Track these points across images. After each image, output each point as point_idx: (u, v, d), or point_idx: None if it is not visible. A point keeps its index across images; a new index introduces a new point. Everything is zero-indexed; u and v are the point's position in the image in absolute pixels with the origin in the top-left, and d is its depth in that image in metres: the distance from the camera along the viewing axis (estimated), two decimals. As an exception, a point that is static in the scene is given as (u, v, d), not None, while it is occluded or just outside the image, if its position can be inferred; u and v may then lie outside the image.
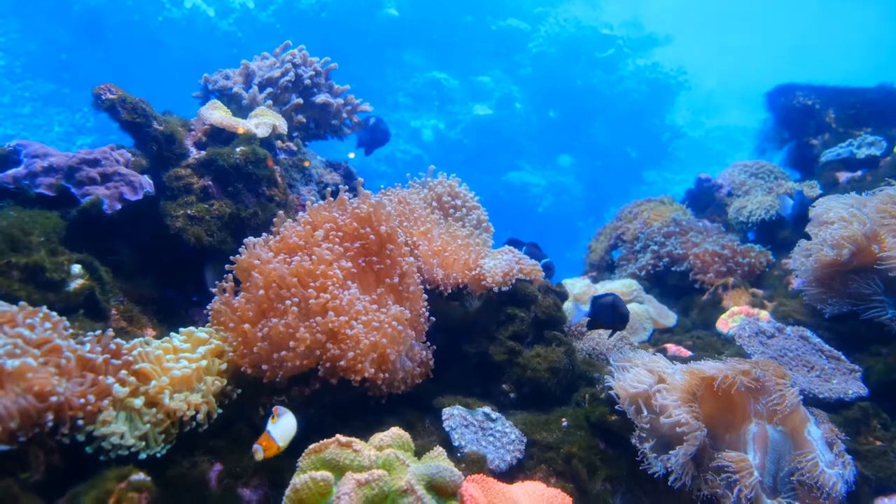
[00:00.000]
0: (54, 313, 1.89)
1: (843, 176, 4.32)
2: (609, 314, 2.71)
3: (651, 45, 20.53)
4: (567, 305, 3.24)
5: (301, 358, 2.13)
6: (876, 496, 2.21)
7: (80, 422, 1.73)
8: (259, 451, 1.78)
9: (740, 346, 2.90)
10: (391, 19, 16.53)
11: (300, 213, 2.53)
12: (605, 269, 4.76)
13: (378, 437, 1.81)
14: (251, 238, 2.40)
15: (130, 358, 1.94)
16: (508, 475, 2.10)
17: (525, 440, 2.24)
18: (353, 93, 3.81)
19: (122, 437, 1.76)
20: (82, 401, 1.72)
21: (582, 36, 18.13)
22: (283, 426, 1.85)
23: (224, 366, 2.14)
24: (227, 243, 2.77)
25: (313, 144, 3.84)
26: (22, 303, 1.85)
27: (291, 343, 2.10)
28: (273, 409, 1.88)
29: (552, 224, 16.81)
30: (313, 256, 2.28)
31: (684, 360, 2.58)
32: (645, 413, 2.13)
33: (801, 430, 2.07)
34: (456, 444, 2.14)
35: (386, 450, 1.74)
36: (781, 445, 2.08)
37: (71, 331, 1.92)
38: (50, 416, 1.65)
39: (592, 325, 2.83)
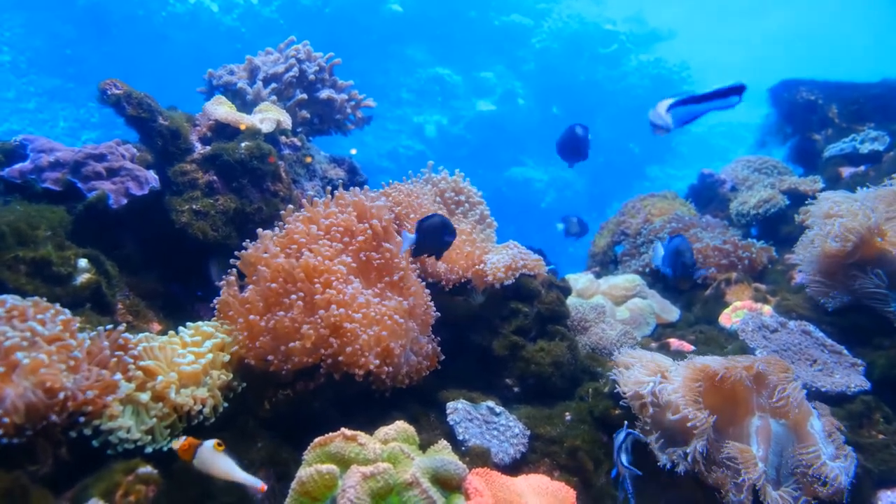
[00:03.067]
0: (67, 310, 1.91)
1: (846, 171, 4.31)
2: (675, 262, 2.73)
3: (654, 41, 20.47)
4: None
5: (307, 354, 2.14)
6: (878, 489, 2.22)
7: (88, 416, 1.75)
8: (179, 442, 1.70)
9: (743, 341, 2.90)
10: (394, 15, 16.51)
11: (298, 211, 2.54)
12: (609, 264, 4.76)
13: (383, 431, 1.82)
14: (267, 231, 2.41)
15: (137, 352, 1.95)
16: (512, 468, 2.11)
17: (529, 434, 2.26)
18: (357, 88, 3.82)
19: (128, 431, 1.78)
20: (90, 394, 1.73)
21: (585, 31, 18.09)
22: (215, 458, 1.70)
23: (227, 357, 2.15)
24: (232, 238, 2.78)
25: (317, 140, 3.85)
26: (35, 298, 1.87)
27: (297, 339, 2.12)
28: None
29: (555, 219, 16.75)
30: (309, 254, 2.29)
31: (687, 355, 2.58)
32: (650, 408, 2.14)
33: (803, 424, 2.08)
34: (460, 437, 2.15)
35: (391, 443, 1.75)
36: (784, 438, 2.09)
37: (78, 324, 1.93)
38: (58, 411, 1.66)
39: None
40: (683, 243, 3.04)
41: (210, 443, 1.69)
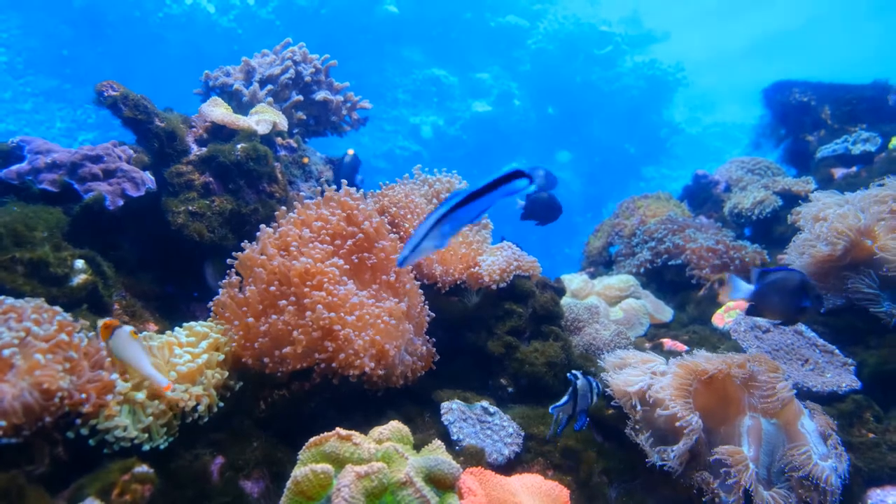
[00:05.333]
0: (67, 314, 1.91)
1: (838, 172, 4.35)
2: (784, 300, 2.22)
3: (649, 42, 20.55)
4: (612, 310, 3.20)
5: (301, 358, 2.16)
6: (868, 487, 2.24)
7: (85, 416, 1.76)
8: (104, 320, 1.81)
9: (736, 341, 2.93)
10: (390, 16, 16.52)
11: (290, 213, 2.55)
12: (603, 264, 4.78)
13: (377, 431, 1.84)
14: (268, 229, 2.43)
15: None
16: (506, 468, 2.13)
17: (523, 434, 2.27)
18: (353, 89, 3.84)
19: (125, 429, 1.79)
20: (86, 395, 1.74)
21: (580, 33, 18.13)
22: (128, 344, 1.83)
23: (221, 357, 2.16)
24: (228, 239, 2.79)
25: (313, 141, 3.86)
26: (32, 299, 1.88)
27: (289, 345, 2.13)
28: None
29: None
30: (301, 256, 2.30)
31: (680, 355, 2.60)
32: (639, 407, 2.16)
33: (794, 423, 2.10)
34: (454, 437, 2.16)
35: (385, 443, 1.77)
36: (775, 438, 2.11)
37: (74, 325, 1.94)
38: (55, 411, 1.67)
39: (753, 311, 2.33)
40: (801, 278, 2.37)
41: (128, 328, 1.83)
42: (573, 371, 2.12)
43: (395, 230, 2.78)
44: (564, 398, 2.09)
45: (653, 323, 3.63)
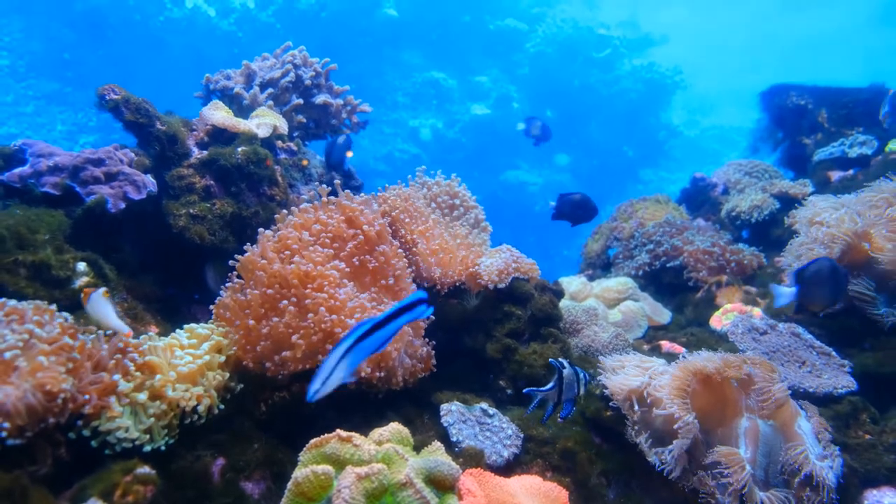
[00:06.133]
0: (66, 314, 1.93)
1: (835, 175, 4.37)
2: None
3: (647, 45, 20.57)
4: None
5: (302, 361, 2.17)
6: (864, 488, 2.25)
7: (87, 417, 1.77)
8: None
9: (733, 343, 2.94)
10: (390, 19, 16.54)
11: (289, 217, 2.56)
12: (602, 267, 4.80)
13: (378, 432, 1.85)
14: (267, 231, 2.44)
15: (136, 354, 1.98)
16: (506, 469, 2.14)
17: (522, 435, 2.28)
18: (353, 93, 3.85)
19: (126, 430, 1.80)
20: (88, 397, 1.76)
21: (579, 36, 18.14)
22: (100, 303, 2.04)
23: (223, 358, 2.18)
24: (229, 242, 2.81)
25: (313, 144, 3.88)
26: (35, 301, 1.89)
27: (290, 348, 2.15)
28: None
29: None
30: (301, 259, 2.31)
31: (678, 357, 2.62)
32: (637, 408, 2.17)
33: (791, 424, 2.12)
34: (454, 439, 2.18)
35: (385, 444, 1.78)
36: (772, 439, 2.12)
37: (77, 327, 1.95)
38: (58, 413, 1.69)
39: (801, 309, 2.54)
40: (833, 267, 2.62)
41: (101, 290, 2.05)
42: (560, 359, 2.14)
43: (394, 234, 2.79)
44: (550, 384, 2.11)
45: (651, 325, 3.65)
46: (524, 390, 2.16)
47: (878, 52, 24.70)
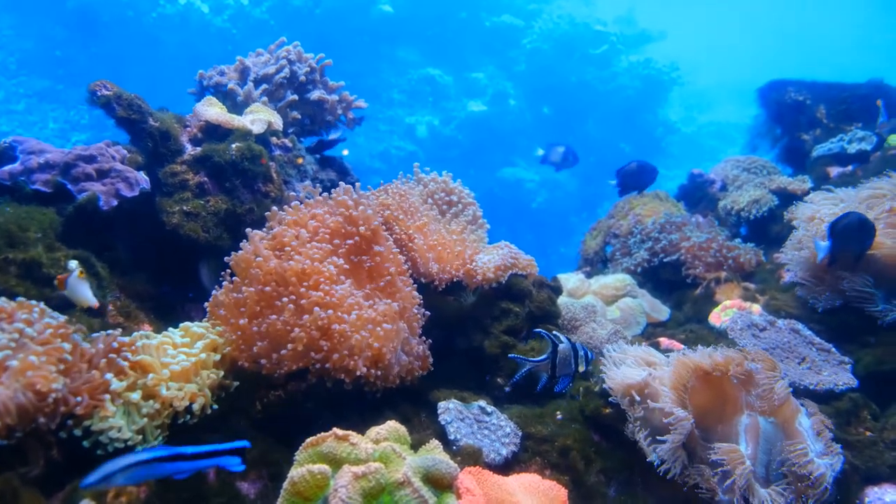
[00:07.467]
0: (57, 313, 1.91)
1: (834, 171, 4.35)
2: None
3: (644, 42, 20.56)
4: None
5: (298, 359, 2.15)
6: (866, 485, 2.24)
7: (79, 417, 1.75)
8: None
9: (732, 339, 2.92)
10: (385, 15, 16.50)
11: (280, 213, 2.53)
12: (600, 263, 4.79)
13: (375, 431, 1.83)
14: (256, 231, 2.41)
15: (129, 353, 1.95)
16: (504, 468, 2.12)
17: (520, 433, 2.26)
18: (348, 89, 3.82)
19: (119, 430, 1.78)
20: (80, 398, 1.73)
21: (575, 32, 18.13)
22: (77, 283, 2.15)
23: (217, 357, 2.15)
24: (223, 239, 2.78)
25: (308, 141, 3.85)
26: (25, 299, 1.86)
27: (289, 344, 2.12)
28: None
29: (546, 219, 16.82)
30: (298, 256, 2.29)
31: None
32: (638, 404, 2.15)
33: (791, 421, 2.10)
34: (452, 437, 2.16)
35: (382, 443, 1.76)
36: (773, 436, 2.11)
37: (68, 327, 1.93)
38: (49, 413, 1.66)
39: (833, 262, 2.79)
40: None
41: (76, 271, 2.14)
42: (555, 332, 2.12)
43: (390, 231, 2.76)
44: (543, 356, 2.10)
45: (649, 322, 3.63)
46: (509, 355, 2.14)
47: (877, 48, 24.74)
